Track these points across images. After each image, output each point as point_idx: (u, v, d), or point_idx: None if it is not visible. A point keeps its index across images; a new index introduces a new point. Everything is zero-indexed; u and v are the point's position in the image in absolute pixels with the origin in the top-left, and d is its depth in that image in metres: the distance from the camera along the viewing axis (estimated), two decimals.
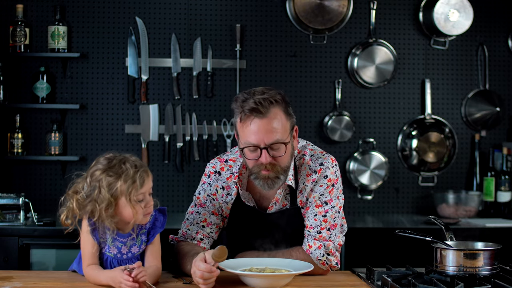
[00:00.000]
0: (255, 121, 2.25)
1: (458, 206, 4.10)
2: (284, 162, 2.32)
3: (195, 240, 2.43)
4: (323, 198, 2.41)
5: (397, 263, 2.48)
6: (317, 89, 4.28)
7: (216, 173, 2.48)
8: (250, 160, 2.32)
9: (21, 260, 3.48)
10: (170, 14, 4.21)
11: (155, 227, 2.23)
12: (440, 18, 4.18)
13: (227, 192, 2.47)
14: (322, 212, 2.40)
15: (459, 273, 2.11)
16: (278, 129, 2.27)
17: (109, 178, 2.11)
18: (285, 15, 4.25)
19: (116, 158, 2.16)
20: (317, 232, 2.40)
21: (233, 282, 2.20)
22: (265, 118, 2.25)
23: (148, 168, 2.20)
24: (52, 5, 4.14)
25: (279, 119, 2.28)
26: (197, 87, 4.19)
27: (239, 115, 2.28)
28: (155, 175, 4.13)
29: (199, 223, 2.45)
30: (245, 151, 2.30)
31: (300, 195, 2.43)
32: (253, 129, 2.26)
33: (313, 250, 2.38)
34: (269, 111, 2.26)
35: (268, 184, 2.33)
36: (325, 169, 2.41)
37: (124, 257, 2.20)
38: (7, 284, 2.16)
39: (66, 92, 4.17)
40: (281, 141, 2.28)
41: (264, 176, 2.32)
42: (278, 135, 2.27)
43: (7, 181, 4.12)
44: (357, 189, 4.26)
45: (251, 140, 2.27)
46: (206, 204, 2.47)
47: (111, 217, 2.11)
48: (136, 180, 2.11)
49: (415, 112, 4.34)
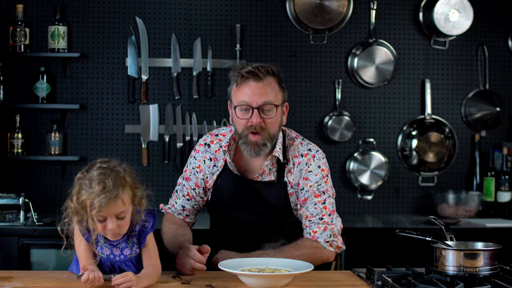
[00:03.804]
0: (250, 83, 2.41)
1: (458, 206, 4.10)
2: (273, 128, 2.45)
3: (181, 215, 2.61)
4: (321, 188, 2.50)
5: (397, 263, 2.48)
6: (317, 89, 4.28)
7: (205, 145, 2.60)
8: (240, 120, 2.44)
9: (21, 260, 3.48)
10: (170, 14, 4.21)
11: (145, 229, 2.21)
12: (440, 18, 4.18)
13: (213, 164, 2.56)
14: (321, 200, 2.50)
15: (459, 273, 2.11)
16: (271, 94, 2.42)
17: (81, 185, 2.08)
18: (285, 15, 4.25)
19: (102, 170, 2.08)
20: (319, 219, 2.50)
21: (233, 282, 2.20)
22: (260, 82, 2.41)
23: (121, 192, 2.07)
24: (52, 5, 4.14)
25: (272, 87, 2.44)
26: (197, 87, 4.19)
27: (236, 80, 2.44)
28: (155, 175, 4.15)
29: (184, 196, 2.60)
30: (237, 110, 2.44)
31: (289, 174, 2.51)
32: (248, 90, 2.41)
33: (319, 234, 2.48)
34: (265, 78, 2.42)
35: (254, 150, 2.44)
36: (313, 158, 2.52)
37: (117, 259, 2.20)
38: (7, 284, 2.16)
39: (66, 92, 4.17)
40: (273, 103, 2.42)
41: (252, 141, 2.43)
42: (270, 98, 2.42)
43: (7, 181, 4.12)
44: (357, 189, 4.26)
45: (244, 99, 2.41)
46: (190, 178, 2.59)
47: (91, 220, 2.10)
48: (94, 201, 2.04)
49: (415, 112, 4.34)
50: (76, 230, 2.16)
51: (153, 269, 2.20)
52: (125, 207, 2.10)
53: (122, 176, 2.10)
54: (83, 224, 2.13)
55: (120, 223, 2.10)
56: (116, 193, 2.05)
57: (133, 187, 2.13)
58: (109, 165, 2.12)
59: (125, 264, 2.20)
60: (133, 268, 2.20)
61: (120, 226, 2.11)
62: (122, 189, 2.07)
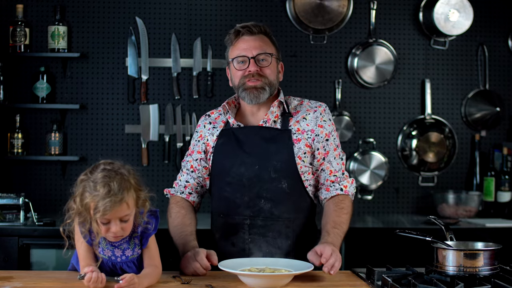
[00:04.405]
0: (245, 37, 2.51)
1: (458, 206, 4.10)
2: (271, 75, 2.52)
3: (184, 194, 2.62)
4: (336, 142, 2.59)
5: (397, 263, 2.48)
6: (317, 89, 4.28)
7: (206, 115, 2.67)
8: (238, 71, 2.51)
9: (21, 260, 3.48)
10: (170, 14, 4.21)
11: (148, 231, 2.21)
12: (440, 18, 4.19)
13: (213, 126, 2.61)
14: (339, 154, 2.58)
15: (459, 273, 2.11)
16: (265, 46, 2.51)
17: (85, 187, 2.06)
18: (285, 15, 4.25)
19: (106, 173, 2.06)
20: (342, 173, 2.57)
21: (233, 282, 2.20)
22: (255, 36, 2.51)
23: (126, 196, 2.06)
24: (52, 5, 4.14)
25: (267, 42, 2.53)
26: (197, 87, 4.19)
27: (231, 40, 2.53)
28: (155, 175, 4.15)
29: (188, 169, 2.63)
30: (234, 63, 2.52)
31: (297, 123, 2.54)
32: (243, 44, 2.51)
33: (349, 187, 2.57)
34: (259, 34, 2.52)
35: (254, 94, 2.49)
36: (325, 112, 2.60)
37: (118, 260, 2.19)
38: (7, 284, 2.16)
39: (66, 92, 4.17)
40: (268, 52, 2.51)
41: (250, 86, 2.49)
42: (264, 49, 2.50)
43: (7, 181, 4.12)
44: (357, 189, 4.26)
45: (241, 52, 2.49)
46: (193, 150, 2.62)
47: (95, 223, 2.09)
48: (99, 204, 2.02)
49: (415, 112, 4.34)
50: (77, 231, 2.16)
51: (154, 269, 2.20)
52: (130, 210, 2.09)
53: (127, 179, 2.08)
54: (85, 225, 2.12)
55: (124, 225, 2.09)
56: (121, 196, 2.04)
57: (138, 190, 2.12)
58: (113, 167, 2.09)
59: (127, 265, 2.20)
60: (134, 269, 2.20)
61: (124, 229, 2.10)
62: (127, 192, 2.06)
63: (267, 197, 2.47)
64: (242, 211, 2.49)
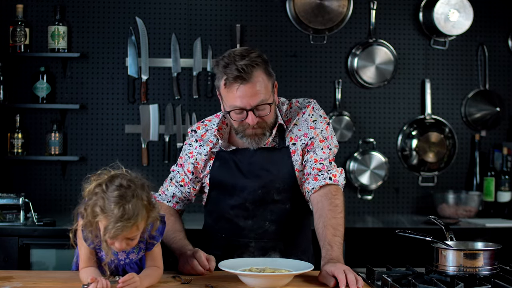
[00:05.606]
0: (240, 87, 2.33)
1: (458, 206, 4.10)
2: (270, 119, 2.44)
3: (171, 203, 2.61)
4: (324, 134, 2.50)
5: (397, 263, 2.48)
6: (317, 89, 4.28)
7: (192, 131, 2.61)
8: (236, 121, 2.42)
9: (21, 260, 3.48)
10: (170, 14, 4.21)
11: (154, 236, 2.20)
12: (440, 18, 4.19)
13: (199, 144, 2.55)
14: (327, 145, 2.49)
15: (459, 273, 2.11)
16: (261, 91, 2.35)
17: (97, 201, 2.01)
18: (285, 15, 4.25)
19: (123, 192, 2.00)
20: (329, 162, 2.48)
21: (233, 282, 2.20)
22: (249, 83, 2.33)
23: (139, 219, 2.01)
24: (52, 5, 4.14)
25: (261, 81, 2.36)
26: (197, 87, 4.19)
27: (223, 80, 2.36)
28: (155, 175, 4.15)
29: (178, 182, 2.60)
30: (231, 113, 2.40)
31: (290, 133, 2.50)
32: (239, 94, 2.34)
33: (338, 177, 2.46)
34: (252, 76, 2.33)
35: (255, 140, 2.44)
36: (313, 109, 2.53)
37: (121, 262, 2.19)
38: (7, 284, 2.16)
39: (66, 92, 4.17)
40: (266, 102, 2.37)
41: (250, 133, 2.42)
42: (262, 96, 2.35)
43: (7, 181, 4.12)
44: (357, 189, 4.26)
45: (237, 104, 2.36)
46: (184, 164, 2.58)
47: (104, 243, 2.06)
48: (109, 226, 1.98)
49: (415, 112, 4.34)
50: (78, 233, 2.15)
51: (156, 270, 2.19)
52: (138, 231, 2.06)
53: (141, 199, 2.03)
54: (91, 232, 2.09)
55: (130, 242, 2.08)
56: (134, 221, 2.00)
57: (149, 210, 2.07)
58: (129, 184, 2.03)
59: (129, 266, 2.20)
60: (136, 269, 2.19)
61: (129, 245, 2.08)
62: (140, 216, 2.01)
63: (272, 220, 2.47)
64: (246, 233, 2.48)
